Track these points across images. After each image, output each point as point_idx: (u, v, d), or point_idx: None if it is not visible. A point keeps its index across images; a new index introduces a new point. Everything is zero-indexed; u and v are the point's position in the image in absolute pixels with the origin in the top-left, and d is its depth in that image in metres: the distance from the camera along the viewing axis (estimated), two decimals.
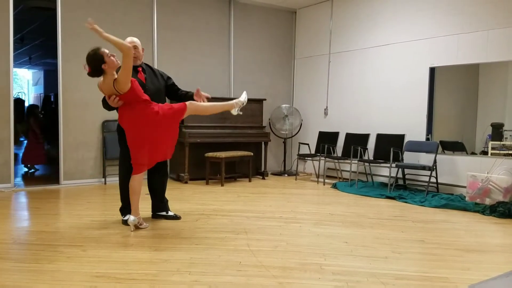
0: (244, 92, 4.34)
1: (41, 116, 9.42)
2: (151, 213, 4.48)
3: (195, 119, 6.81)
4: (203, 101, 4.16)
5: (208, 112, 4.28)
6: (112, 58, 3.68)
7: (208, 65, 7.64)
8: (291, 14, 8.59)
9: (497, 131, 5.80)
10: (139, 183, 3.95)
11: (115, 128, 6.96)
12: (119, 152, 4.26)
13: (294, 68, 8.67)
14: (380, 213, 4.95)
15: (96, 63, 3.68)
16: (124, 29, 6.82)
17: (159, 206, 4.44)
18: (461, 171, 5.85)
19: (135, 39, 4.30)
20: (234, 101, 4.23)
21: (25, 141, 8.82)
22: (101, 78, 3.84)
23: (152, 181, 4.39)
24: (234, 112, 4.22)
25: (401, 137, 6.44)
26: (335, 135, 7.42)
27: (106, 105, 3.99)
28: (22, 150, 8.67)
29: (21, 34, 10.05)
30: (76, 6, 6.42)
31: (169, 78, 4.46)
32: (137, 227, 3.98)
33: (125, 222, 4.10)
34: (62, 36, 6.35)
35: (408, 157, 6.34)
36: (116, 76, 3.70)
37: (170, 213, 4.45)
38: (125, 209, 4.18)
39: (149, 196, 4.50)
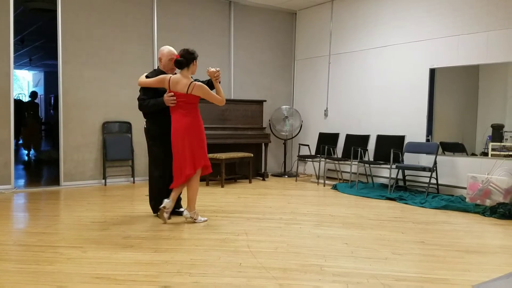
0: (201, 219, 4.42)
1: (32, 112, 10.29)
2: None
3: None
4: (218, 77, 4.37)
5: None
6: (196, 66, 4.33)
7: (208, 66, 7.59)
8: (291, 16, 8.60)
9: (497, 132, 5.79)
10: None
11: (115, 129, 7.00)
12: (153, 155, 4.53)
13: (294, 70, 8.68)
14: (381, 214, 4.95)
15: (190, 58, 4.22)
16: (125, 31, 6.85)
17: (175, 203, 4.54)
18: (461, 172, 5.85)
19: (174, 51, 4.47)
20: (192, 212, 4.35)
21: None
22: (142, 77, 4.43)
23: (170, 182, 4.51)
24: (187, 214, 4.34)
25: (401, 138, 6.44)
26: (335, 136, 7.42)
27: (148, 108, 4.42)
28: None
29: (22, 35, 10.08)
30: (76, 8, 6.43)
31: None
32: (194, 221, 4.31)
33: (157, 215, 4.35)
34: (63, 37, 6.35)
35: (408, 158, 6.34)
36: (192, 80, 4.23)
37: (181, 209, 4.57)
38: (155, 206, 4.44)
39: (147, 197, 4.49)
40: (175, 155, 4.26)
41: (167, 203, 4.21)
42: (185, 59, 4.18)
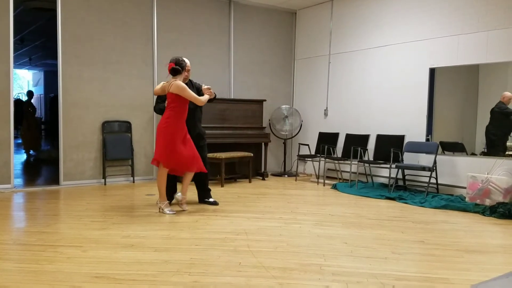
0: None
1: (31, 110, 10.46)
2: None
3: None
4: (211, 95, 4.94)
5: None
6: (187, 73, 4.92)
7: (208, 66, 7.63)
8: (291, 15, 8.60)
9: None
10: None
11: (115, 129, 7.02)
12: None
13: (294, 69, 8.68)
14: (380, 214, 4.95)
15: (182, 67, 4.78)
16: (125, 30, 6.85)
17: (204, 194, 5.32)
18: (461, 172, 5.85)
19: (189, 63, 5.00)
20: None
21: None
22: (158, 86, 4.88)
23: (197, 176, 5.10)
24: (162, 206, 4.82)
25: (401, 138, 6.44)
26: (335, 136, 7.42)
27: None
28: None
29: (21, 35, 10.08)
30: (76, 7, 6.43)
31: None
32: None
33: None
34: (62, 37, 6.35)
35: (408, 158, 6.34)
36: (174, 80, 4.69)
37: (211, 199, 5.27)
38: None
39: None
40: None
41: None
42: (180, 67, 4.72)
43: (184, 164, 4.74)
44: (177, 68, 4.69)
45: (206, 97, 4.80)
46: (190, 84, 5.09)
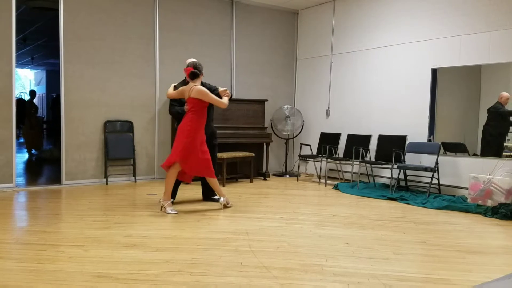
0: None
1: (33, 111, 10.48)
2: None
3: None
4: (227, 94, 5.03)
5: None
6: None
7: (210, 66, 7.60)
8: (293, 15, 8.60)
9: None
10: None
11: (117, 128, 7.04)
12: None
13: (296, 69, 8.67)
14: (382, 214, 4.95)
15: (200, 70, 4.86)
16: (127, 30, 6.85)
17: (209, 192, 5.41)
18: (463, 172, 5.84)
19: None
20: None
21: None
22: (170, 88, 5.00)
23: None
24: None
25: (403, 138, 6.43)
26: (336, 136, 7.42)
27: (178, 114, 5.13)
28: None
29: (24, 34, 10.10)
30: (78, 7, 6.43)
31: (215, 89, 5.21)
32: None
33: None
34: (65, 36, 6.36)
35: (410, 159, 6.34)
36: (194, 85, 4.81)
37: (216, 197, 5.31)
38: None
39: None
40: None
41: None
42: (199, 71, 4.82)
43: (198, 167, 4.82)
44: (195, 72, 4.77)
45: (226, 99, 4.92)
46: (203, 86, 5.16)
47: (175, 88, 5.02)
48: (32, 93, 10.90)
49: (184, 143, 4.68)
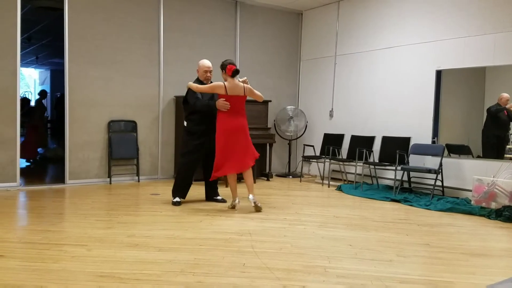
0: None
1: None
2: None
3: None
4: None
5: None
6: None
7: (213, 67, 7.61)
8: (297, 16, 8.59)
9: None
10: None
11: (121, 128, 7.05)
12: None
13: (299, 70, 8.67)
14: (385, 216, 4.94)
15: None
16: (131, 30, 6.87)
17: (212, 192, 5.44)
18: (467, 174, 5.82)
19: (210, 64, 5.31)
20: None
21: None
22: (193, 83, 5.01)
23: (206, 174, 5.32)
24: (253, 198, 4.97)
25: (407, 140, 6.41)
26: (340, 137, 7.40)
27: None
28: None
29: (29, 33, 10.12)
30: (83, 7, 6.45)
31: None
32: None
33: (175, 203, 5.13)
34: (69, 36, 6.38)
35: (414, 160, 6.32)
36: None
37: (219, 197, 5.42)
38: (176, 192, 5.20)
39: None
40: (226, 150, 4.85)
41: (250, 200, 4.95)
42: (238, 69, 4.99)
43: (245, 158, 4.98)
44: (238, 69, 4.96)
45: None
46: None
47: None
48: (43, 93, 10.78)
49: (249, 140, 4.96)
